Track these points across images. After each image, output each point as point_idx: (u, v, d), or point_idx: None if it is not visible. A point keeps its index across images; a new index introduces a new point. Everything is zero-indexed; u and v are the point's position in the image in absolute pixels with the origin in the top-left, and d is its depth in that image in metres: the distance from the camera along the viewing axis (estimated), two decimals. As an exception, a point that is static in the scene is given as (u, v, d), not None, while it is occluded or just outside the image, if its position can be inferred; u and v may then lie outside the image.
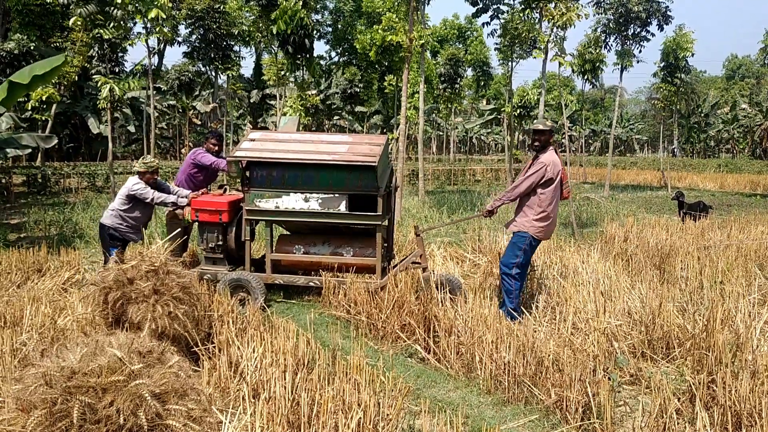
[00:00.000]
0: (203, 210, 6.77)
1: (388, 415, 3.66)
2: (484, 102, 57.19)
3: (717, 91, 61.72)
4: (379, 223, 6.28)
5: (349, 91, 38.18)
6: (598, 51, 24.96)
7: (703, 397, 3.89)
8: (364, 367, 3.92)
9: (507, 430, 3.82)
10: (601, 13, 23.42)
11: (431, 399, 4.28)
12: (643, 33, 22.85)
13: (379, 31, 22.61)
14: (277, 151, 6.40)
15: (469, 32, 52.08)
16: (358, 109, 44.20)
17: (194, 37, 30.30)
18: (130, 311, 4.52)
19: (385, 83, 37.40)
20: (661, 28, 22.68)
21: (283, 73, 19.20)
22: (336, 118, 47.92)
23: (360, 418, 3.40)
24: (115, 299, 4.58)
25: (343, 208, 6.28)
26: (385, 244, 6.77)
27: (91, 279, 5.36)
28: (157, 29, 11.62)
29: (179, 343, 4.65)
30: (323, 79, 46.99)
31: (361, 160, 6.08)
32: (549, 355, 4.35)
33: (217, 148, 7.78)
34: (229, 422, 3.44)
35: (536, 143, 5.81)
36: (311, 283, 6.57)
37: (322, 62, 50.63)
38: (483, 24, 22.08)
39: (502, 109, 32.49)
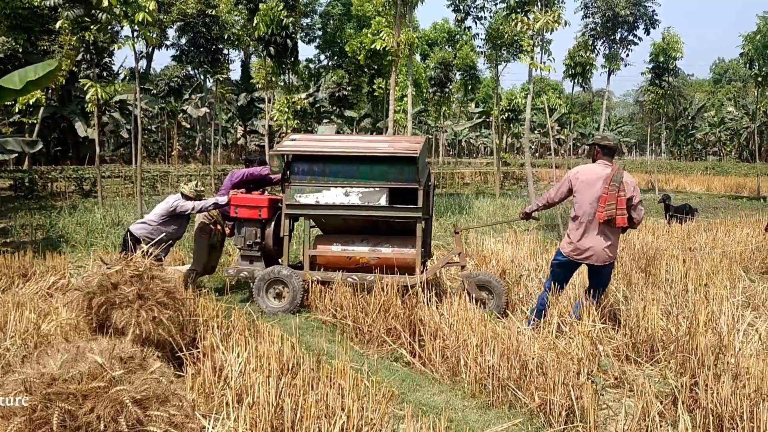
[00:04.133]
0: (243, 206, 6.80)
1: (371, 419, 3.66)
2: (473, 105, 57.35)
3: (704, 95, 62.18)
4: (419, 215, 6.28)
5: (337, 95, 38.16)
6: (587, 54, 25.14)
7: (686, 400, 3.92)
8: (348, 372, 3.92)
9: (491, 434, 3.83)
10: (589, 17, 23.59)
11: (415, 403, 4.28)
12: (631, 37, 23.05)
13: (369, 35, 22.67)
14: (319, 147, 6.48)
15: (458, 36, 52.23)
16: (348, 113, 44.20)
17: (184, 40, 30.23)
18: (114, 316, 4.49)
19: (375, 86, 37.51)
20: (647, 31, 22.89)
21: (270, 76, 19.17)
22: (325, 121, 47.88)
23: (343, 422, 3.40)
24: (99, 304, 4.56)
25: (383, 201, 6.29)
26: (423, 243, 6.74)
27: (75, 284, 5.33)
28: (144, 34, 11.59)
29: (164, 348, 4.63)
30: (312, 83, 46.99)
31: (403, 152, 6.12)
32: (533, 359, 4.37)
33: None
34: (212, 428, 3.43)
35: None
36: (349, 280, 6.47)
37: (312, 66, 50.55)
38: (466, 28, 22.18)
39: (491, 113, 32.60)
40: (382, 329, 5.45)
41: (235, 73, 53.60)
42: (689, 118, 57.45)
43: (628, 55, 23.51)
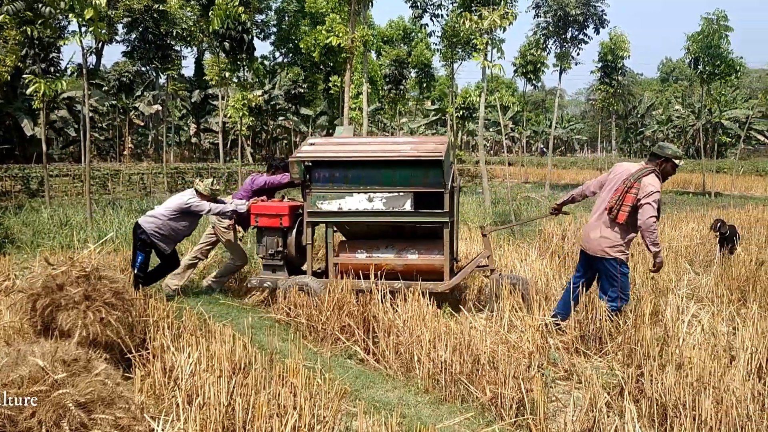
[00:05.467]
0: (263, 215, 6.58)
1: (324, 417, 3.66)
2: (429, 103, 57.65)
3: (652, 93, 63.81)
4: (446, 220, 6.07)
5: (293, 92, 37.98)
6: (539, 53, 25.52)
7: (632, 391, 4.02)
8: (300, 370, 3.90)
9: (443, 429, 3.86)
10: (540, 17, 23.94)
11: (369, 400, 4.29)
12: (581, 36, 23.47)
13: (323, 31, 22.57)
14: (339, 152, 6.24)
15: (414, 34, 52.44)
16: (304, 110, 43.98)
17: (134, 36, 29.60)
18: (60, 318, 4.38)
19: (331, 84, 37.39)
20: (597, 31, 23.33)
21: (224, 72, 18.92)
22: (281, 119, 47.57)
23: (295, 421, 3.39)
24: (44, 306, 4.43)
25: (408, 206, 6.06)
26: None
27: (19, 286, 5.17)
28: (93, 29, 11.30)
29: (113, 350, 4.54)
30: (267, 80, 46.58)
31: (427, 155, 5.92)
32: (485, 353, 4.42)
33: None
34: (162, 429, 3.37)
35: None
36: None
37: (267, 62, 50.08)
38: (422, 26, 22.29)
39: (446, 110, 32.83)
40: (336, 327, 5.45)
41: (189, 70, 52.86)
42: (638, 116, 58.92)
43: (578, 54, 23.94)
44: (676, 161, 5.30)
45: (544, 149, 65.88)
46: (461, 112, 27.36)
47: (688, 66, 25.31)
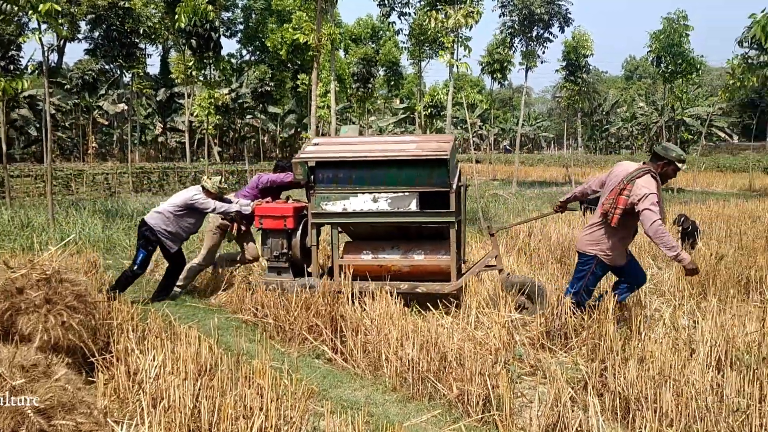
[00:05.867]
0: (267, 216, 6.48)
1: (291, 417, 3.65)
2: (398, 101, 57.79)
3: (617, 91, 64.83)
4: (452, 220, 5.98)
5: (260, 90, 37.64)
6: (506, 52, 25.74)
7: (596, 385, 4.08)
8: (266, 371, 3.88)
9: (410, 427, 3.87)
10: (506, 15, 24.14)
11: (336, 399, 4.29)
12: (546, 34, 23.74)
13: (289, 29, 22.45)
14: (343, 152, 6.15)
15: (382, 32, 52.50)
16: (272, 109, 43.71)
17: (97, 34, 29.10)
18: (19, 323, 4.28)
19: (299, 82, 37.20)
20: (562, 30, 23.64)
21: (190, 70, 18.70)
22: (249, 117, 47.23)
23: (262, 422, 3.37)
24: (3, 310, 4.33)
25: (414, 206, 5.98)
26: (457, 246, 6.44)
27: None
28: (54, 26, 11.08)
29: (75, 353, 4.46)
30: (234, 78, 46.19)
31: (432, 154, 5.84)
32: (452, 350, 4.45)
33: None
34: (126, 434, 3.32)
35: None
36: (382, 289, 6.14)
37: (233, 61, 49.63)
38: (389, 24, 22.33)
39: (414, 108, 32.92)
40: (304, 326, 5.43)
41: (154, 68, 52.11)
42: (603, 113, 59.80)
43: (544, 52, 24.23)
44: (679, 165, 5.07)
45: (508, 147, 66.46)
46: (429, 111, 27.47)
47: (651, 64, 25.78)
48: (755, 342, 4.58)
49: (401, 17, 21.72)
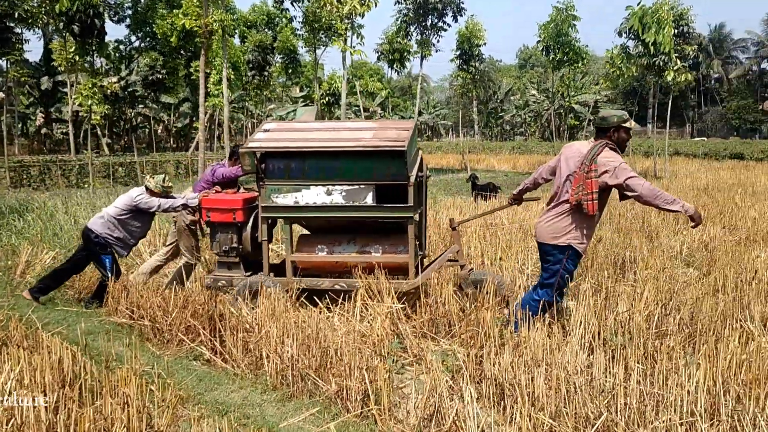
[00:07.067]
0: (215, 209, 5.98)
1: (158, 426, 3.45)
2: (298, 89, 57.05)
3: (511, 79, 66.84)
4: (411, 215, 5.60)
5: (151, 78, 36.17)
6: (405, 41, 25.91)
7: (473, 373, 4.11)
8: (132, 379, 3.65)
9: (287, 427, 3.76)
10: (402, 3, 24.28)
11: (212, 402, 4.11)
12: (440, 23, 24.06)
13: (180, 15, 21.59)
14: (295, 140, 5.64)
15: (278, 19, 51.61)
16: (164, 98, 42.10)
17: (-35, 17, 26.97)
18: None
19: (192, 70, 35.90)
20: (455, 19, 24.03)
21: (72, 58, 17.62)
22: (141, 107, 45.28)
23: (123, 434, 3.16)
24: None
25: (369, 200, 5.59)
26: (418, 241, 6.05)
27: None
28: None
29: None
30: (123, 66, 44.08)
31: (388, 145, 5.41)
32: (333, 345, 4.36)
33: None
34: (-34, 458, 3.03)
35: None
36: (336, 286, 5.79)
37: (122, 47, 47.30)
38: (282, 11, 21.95)
39: (312, 96, 32.62)
40: (182, 327, 5.18)
41: (35, 54, 48.82)
42: (498, 101, 61.58)
43: (438, 41, 24.60)
44: (626, 125, 4.74)
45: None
46: (327, 99, 27.27)
47: (541, 53, 26.66)
48: (626, 321, 4.76)
49: (293, 3, 21.37)
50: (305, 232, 6.52)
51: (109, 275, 6.22)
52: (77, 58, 17.29)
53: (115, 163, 24.04)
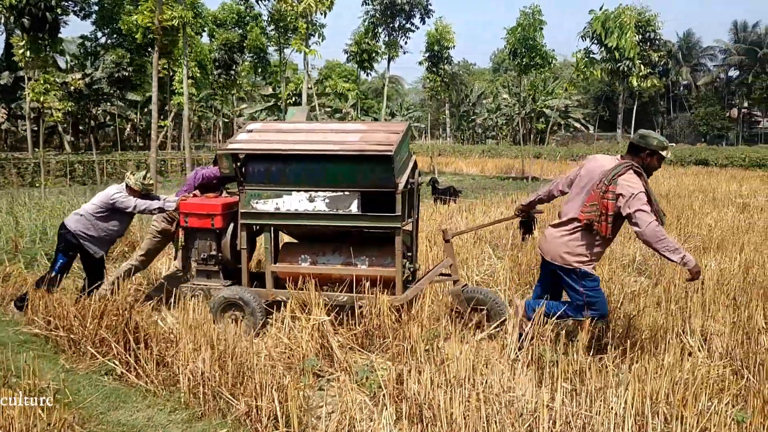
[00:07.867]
0: (193, 214, 5.64)
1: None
2: (270, 89, 56.56)
3: (483, 83, 66.99)
4: (398, 225, 5.16)
5: (117, 75, 35.50)
6: (373, 42, 25.69)
7: (392, 392, 3.86)
8: (18, 400, 3.35)
9: (187, 452, 3.49)
10: (369, 4, 24.07)
11: (114, 423, 3.82)
12: (408, 25, 23.90)
13: (144, 12, 21.15)
14: (277, 142, 5.29)
15: (248, 17, 51.15)
16: (131, 95, 41.38)
17: None
18: None
19: (160, 67, 35.34)
20: (423, 21, 23.88)
21: (22, 52, 17.10)
22: (107, 104, 44.41)
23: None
24: None
25: (354, 208, 5.17)
26: (409, 253, 5.66)
27: None
28: None
29: None
30: (89, 62, 43.23)
31: (375, 149, 5.01)
32: (248, 360, 4.10)
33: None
34: None
35: None
36: (321, 300, 5.27)
37: (88, 43, 46.42)
38: (247, 9, 21.64)
39: (280, 96, 32.29)
40: (96, 339, 4.87)
41: (-4, 50, 47.58)
42: (470, 104, 61.67)
43: (406, 42, 24.39)
44: (663, 153, 4.35)
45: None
46: (294, 99, 26.97)
47: (508, 57, 26.63)
48: (563, 335, 4.54)
49: (259, 2, 21.05)
50: (292, 240, 6.19)
51: (53, 275, 5.92)
52: (28, 53, 16.72)
53: (73, 162, 23.42)
